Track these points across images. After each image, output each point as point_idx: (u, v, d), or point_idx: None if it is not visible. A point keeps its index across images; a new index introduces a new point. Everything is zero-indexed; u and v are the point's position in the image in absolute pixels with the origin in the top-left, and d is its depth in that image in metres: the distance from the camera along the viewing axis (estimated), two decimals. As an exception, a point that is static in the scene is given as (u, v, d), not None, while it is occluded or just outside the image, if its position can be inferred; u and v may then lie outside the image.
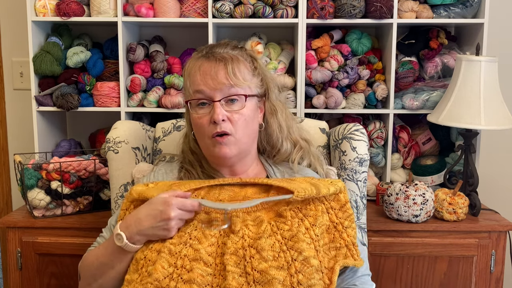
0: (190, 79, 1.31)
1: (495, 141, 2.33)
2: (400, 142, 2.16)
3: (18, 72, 2.38)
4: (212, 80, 1.27)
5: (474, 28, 2.08)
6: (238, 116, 1.28)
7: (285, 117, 1.42)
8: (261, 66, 1.37)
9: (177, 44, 2.27)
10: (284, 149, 1.41)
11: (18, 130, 2.42)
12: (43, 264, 1.84)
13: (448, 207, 1.83)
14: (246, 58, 1.34)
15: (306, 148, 1.44)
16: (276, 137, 1.40)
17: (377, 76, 2.10)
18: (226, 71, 1.27)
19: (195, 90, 1.29)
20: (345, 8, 1.99)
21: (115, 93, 2.07)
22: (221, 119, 1.25)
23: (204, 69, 1.29)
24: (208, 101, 1.28)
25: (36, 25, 2.05)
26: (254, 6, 2.00)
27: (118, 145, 1.60)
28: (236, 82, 1.27)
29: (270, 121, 1.39)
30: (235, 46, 1.36)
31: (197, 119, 1.30)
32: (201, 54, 1.33)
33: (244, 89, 1.29)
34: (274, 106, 1.39)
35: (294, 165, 1.40)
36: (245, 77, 1.30)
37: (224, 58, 1.29)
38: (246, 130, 1.30)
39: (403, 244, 1.81)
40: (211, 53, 1.31)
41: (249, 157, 1.37)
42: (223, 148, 1.28)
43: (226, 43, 1.36)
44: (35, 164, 1.86)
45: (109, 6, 2.01)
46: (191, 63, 1.33)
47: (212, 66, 1.28)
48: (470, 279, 1.83)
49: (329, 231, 1.24)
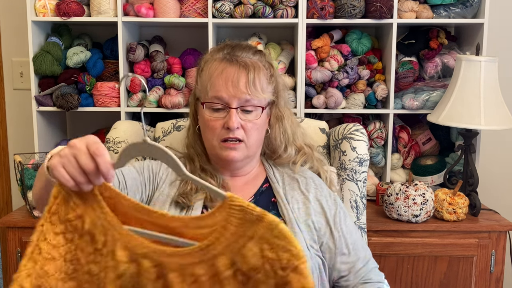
0: (211, 81, 1.30)
1: (495, 141, 2.33)
2: (400, 142, 2.16)
3: (18, 72, 2.38)
4: (233, 87, 1.27)
5: (474, 28, 2.08)
6: (251, 125, 1.29)
7: (291, 124, 1.42)
8: (276, 73, 1.38)
9: (177, 44, 2.27)
10: (287, 155, 1.40)
11: (18, 130, 2.42)
12: (43, 264, 1.84)
13: (448, 207, 1.83)
14: (265, 65, 1.34)
15: (309, 153, 1.44)
16: (280, 142, 1.39)
17: (377, 76, 2.10)
18: (247, 79, 1.27)
19: (214, 95, 1.28)
20: (345, 8, 1.99)
21: (115, 93, 2.07)
22: (236, 126, 1.26)
23: (226, 74, 1.28)
24: (224, 107, 1.28)
25: (36, 25, 2.05)
26: (254, 6, 2.00)
27: (118, 145, 1.60)
28: (255, 93, 1.28)
29: (275, 127, 1.38)
30: (256, 50, 1.36)
31: (210, 121, 1.29)
32: (223, 56, 1.32)
33: (261, 100, 1.30)
34: (281, 113, 1.39)
35: (296, 167, 1.40)
36: (263, 88, 1.30)
37: (246, 65, 1.29)
38: (257, 138, 1.32)
39: (403, 244, 1.81)
40: (234, 57, 1.31)
41: (253, 161, 1.38)
42: (231, 152, 1.28)
43: (247, 46, 1.36)
44: (35, 164, 1.86)
45: (109, 6, 2.01)
46: (213, 64, 1.32)
47: (234, 72, 1.28)
48: (470, 279, 1.83)
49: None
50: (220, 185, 1.34)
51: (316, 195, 1.33)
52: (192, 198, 1.31)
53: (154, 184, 1.35)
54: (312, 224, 1.28)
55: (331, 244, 1.29)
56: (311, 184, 1.36)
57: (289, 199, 1.32)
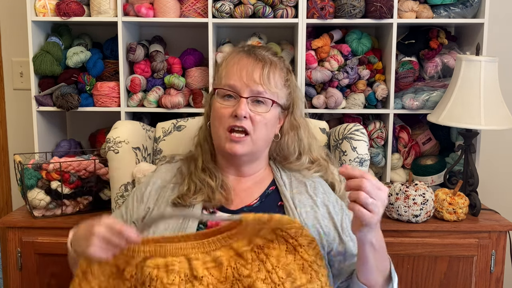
0: (227, 69, 1.32)
1: (495, 141, 2.33)
2: (400, 142, 2.16)
3: (18, 72, 2.38)
4: (246, 76, 1.28)
5: (474, 28, 2.08)
6: (260, 118, 1.29)
7: (307, 135, 1.42)
8: (293, 81, 1.39)
9: (177, 44, 2.27)
10: (300, 163, 1.40)
11: (18, 130, 2.42)
12: (43, 264, 1.84)
13: (448, 207, 1.83)
14: (282, 68, 1.35)
15: (324, 165, 1.43)
16: (293, 150, 1.39)
17: (377, 76, 2.10)
18: (262, 71, 1.29)
19: (227, 82, 1.30)
20: (345, 8, 1.99)
21: (115, 93, 2.07)
22: (243, 115, 1.26)
23: (242, 63, 1.30)
24: (235, 95, 1.29)
25: (36, 25, 2.05)
26: (254, 6, 2.00)
27: (119, 145, 1.61)
28: (267, 86, 1.29)
29: (288, 134, 1.38)
30: (276, 53, 1.39)
31: (220, 108, 1.30)
32: (242, 50, 1.35)
33: (273, 95, 1.31)
34: (297, 122, 1.40)
35: (308, 173, 1.39)
36: (277, 84, 1.32)
37: (264, 59, 1.31)
38: (263, 134, 1.31)
39: (403, 244, 1.81)
40: (253, 52, 1.33)
41: (258, 161, 1.37)
42: (236, 145, 1.28)
43: (268, 47, 1.39)
44: (35, 164, 1.86)
45: (109, 6, 2.01)
46: (231, 54, 1.36)
47: (250, 63, 1.30)
48: (470, 279, 1.83)
49: (305, 270, 1.14)
50: (219, 185, 1.33)
51: (323, 200, 1.32)
52: (188, 199, 1.30)
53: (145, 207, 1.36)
54: (321, 229, 1.27)
55: (341, 248, 1.28)
56: (319, 188, 1.35)
57: (296, 203, 1.31)
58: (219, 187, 1.33)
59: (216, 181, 1.33)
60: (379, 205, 1.06)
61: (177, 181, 1.37)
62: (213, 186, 1.32)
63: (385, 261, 1.21)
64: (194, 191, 1.32)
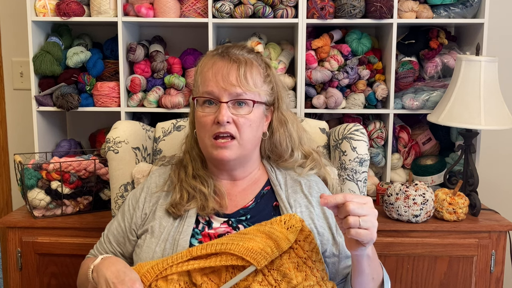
0: (202, 75, 1.29)
1: (495, 141, 2.33)
2: (400, 142, 2.16)
3: (18, 72, 2.38)
4: (223, 80, 1.25)
5: (474, 28, 2.08)
6: (243, 120, 1.26)
7: (296, 128, 1.40)
8: (273, 74, 1.35)
9: (177, 44, 2.27)
10: (293, 159, 1.38)
11: (18, 130, 2.42)
12: (43, 264, 1.84)
13: (448, 207, 1.83)
14: (260, 64, 1.32)
15: (318, 160, 1.42)
16: (286, 147, 1.37)
17: (377, 76, 2.10)
18: (238, 73, 1.25)
19: (205, 89, 1.27)
20: (345, 8, 1.99)
21: (115, 93, 2.07)
22: (226, 120, 1.23)
23: (217, 67, 1.27)
24: (215, 101, 1.26)
25: (36, 25, 2.05)
26: (254, 6, 2.00)
27: (118, 145, 1.60)
28: (245, 87, 1.25)
29: (279, 131, 1.36)
30: (251, 50, 1.35)
31: (202, 117, 1.27)
32: (216, 53, 1.31)
33: (254, 94, 1.27)
34: (284, 117, 1.37)
35: (303, 171, 1.37)
36: (256, 83, 1.28)
37: (238, 60, 1.27)
38: (250, 135, 1.28)
39: (403, 244, 1.81)
40: (226, 53, 1.29)
41: (249, 163, 1.35)
42: (223, 151, 1.25)
43: (242, 45, 1.35)
44: (35, 164, 1.86)
45: (109, 6, 2.01)
46: (204, 60, 1.32)
47: (225, 66, 1.26)
48: (470, 279, 1.83)
49: (300, 268, 1.14)
50: (212, 191, 1.32)
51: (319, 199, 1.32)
52: (182, 207, 1.29)
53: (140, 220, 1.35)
54: (315, 229, 1.27)
55: (335, 250, 1.28)
56: (314, 187, 1.35)
57: (291, 202, 1.30)
58: (212, 193, 1.31)
59: (208, 187, 1.32)
60: (371, 219, 1.06)
61: (169, 187, 1.36)
62: (206, 193, 1.30)
63: (378, 267, 1.21)
64: (188, 198, 1.30)
